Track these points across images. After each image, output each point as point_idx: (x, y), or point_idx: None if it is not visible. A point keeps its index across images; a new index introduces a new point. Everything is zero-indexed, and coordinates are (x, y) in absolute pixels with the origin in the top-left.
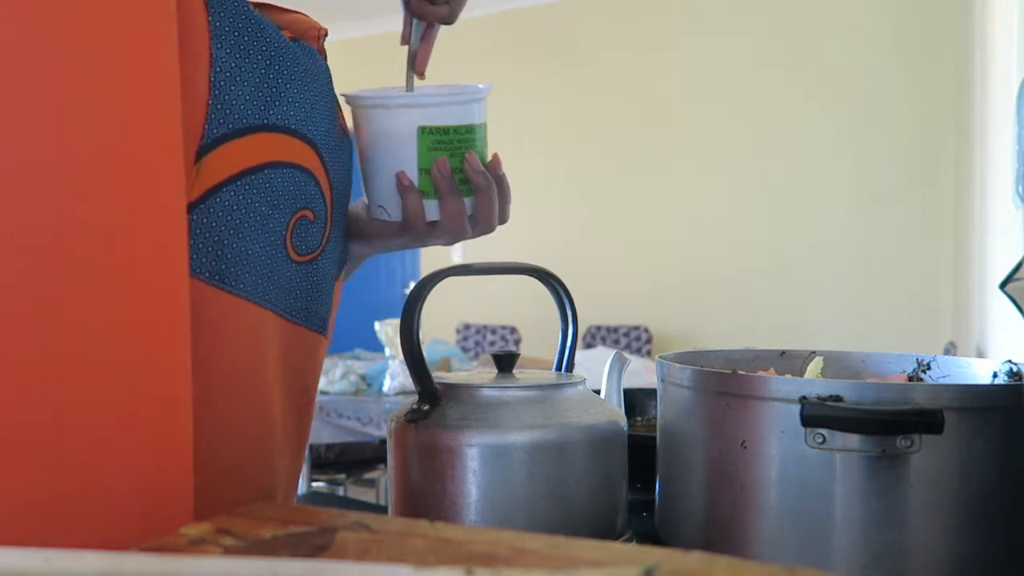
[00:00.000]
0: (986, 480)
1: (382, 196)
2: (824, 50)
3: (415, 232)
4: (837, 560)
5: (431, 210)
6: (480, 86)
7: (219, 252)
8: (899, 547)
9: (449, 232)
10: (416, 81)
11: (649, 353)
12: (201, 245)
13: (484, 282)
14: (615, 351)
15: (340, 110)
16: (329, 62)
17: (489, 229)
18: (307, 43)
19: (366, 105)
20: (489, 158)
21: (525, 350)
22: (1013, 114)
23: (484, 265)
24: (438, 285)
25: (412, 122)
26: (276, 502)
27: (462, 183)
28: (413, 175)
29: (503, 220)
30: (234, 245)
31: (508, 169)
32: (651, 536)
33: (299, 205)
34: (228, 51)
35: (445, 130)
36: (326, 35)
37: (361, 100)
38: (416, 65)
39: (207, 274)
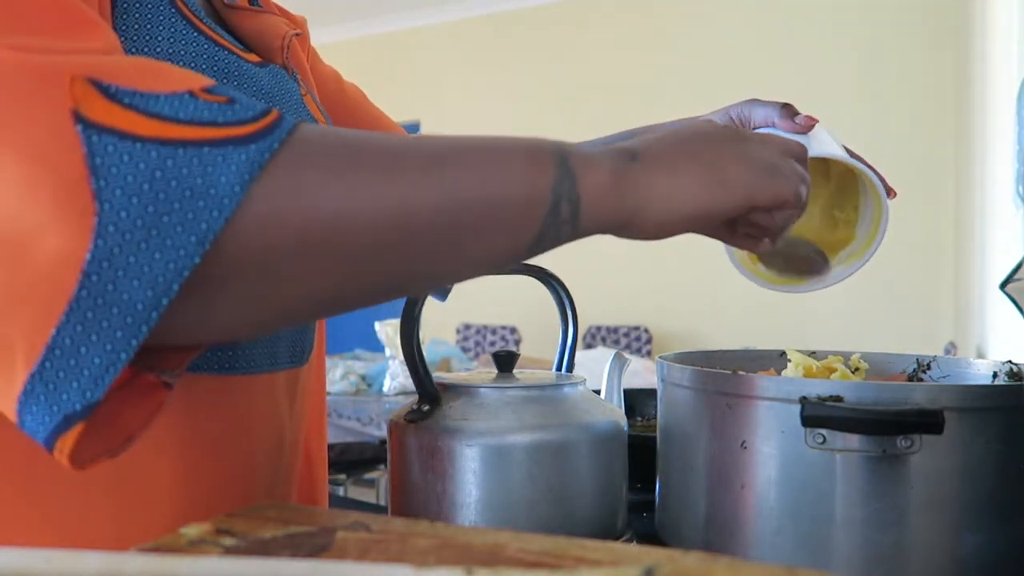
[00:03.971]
0: (986, 480)
1: None
2: (824, 50)
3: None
4: (837, 560)
5: None
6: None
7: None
8: (899, 547)
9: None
10: None
11: (649, 353)
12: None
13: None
14: (615, 351)
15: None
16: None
17: None
18: (273, 63)
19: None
20: None
21: (525, 350)
22: (1013, 114)
23: None
24: None
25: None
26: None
27: None
28: None
29: None
30: None
31: None
32: (651, 536)
33: None
34: None
35: None
36: (295, 35)
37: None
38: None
39: (216, 367)
